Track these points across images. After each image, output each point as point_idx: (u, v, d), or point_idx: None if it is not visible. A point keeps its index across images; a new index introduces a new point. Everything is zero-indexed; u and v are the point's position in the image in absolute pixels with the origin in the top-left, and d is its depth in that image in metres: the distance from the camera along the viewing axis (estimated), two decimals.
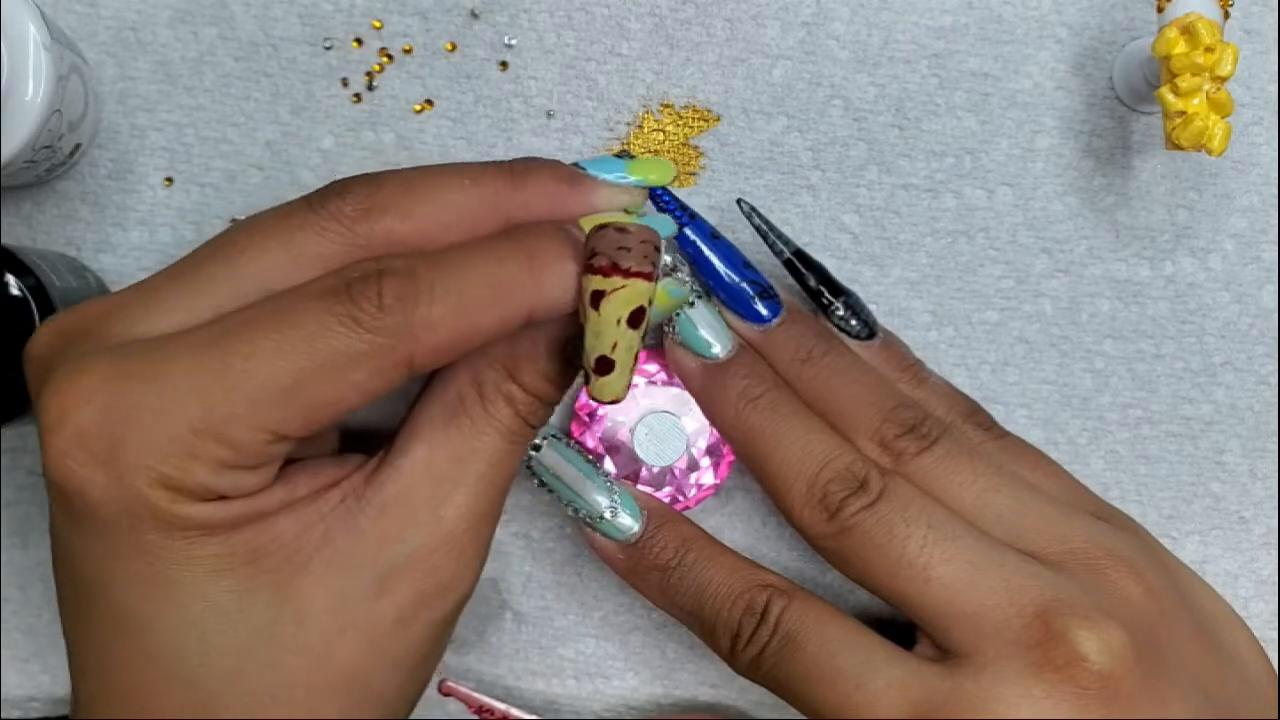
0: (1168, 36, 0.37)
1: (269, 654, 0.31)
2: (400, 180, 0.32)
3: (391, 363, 0.29)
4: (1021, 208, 0.43)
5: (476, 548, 0.33)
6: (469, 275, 0.30)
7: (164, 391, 0.29)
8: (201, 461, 0.29)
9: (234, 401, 0.29)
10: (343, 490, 0.32)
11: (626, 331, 0.30)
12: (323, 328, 0.29)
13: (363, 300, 0.29)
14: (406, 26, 0.42)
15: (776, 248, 0.41)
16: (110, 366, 0.29)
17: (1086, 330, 0.43)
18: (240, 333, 0.29)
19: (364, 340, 0.29)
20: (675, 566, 0.38)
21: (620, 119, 0.43)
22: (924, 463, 0.37)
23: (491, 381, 0.33)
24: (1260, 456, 0.44)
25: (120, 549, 0.30)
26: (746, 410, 0.38)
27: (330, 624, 0.31)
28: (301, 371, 0.29)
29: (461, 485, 0.32)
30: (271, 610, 0.31)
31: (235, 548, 0.30)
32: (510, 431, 0.33)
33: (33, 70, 0.36)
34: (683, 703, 0.45)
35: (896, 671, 0.34)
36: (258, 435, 0.29)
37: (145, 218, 0.43)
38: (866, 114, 0.43)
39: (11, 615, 0.44)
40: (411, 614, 0.32)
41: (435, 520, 0.32)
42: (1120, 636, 0.33)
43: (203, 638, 0.30)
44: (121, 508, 0.29)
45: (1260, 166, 0.43)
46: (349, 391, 0.29)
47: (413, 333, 0.29)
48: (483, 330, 0.30)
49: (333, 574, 0.31)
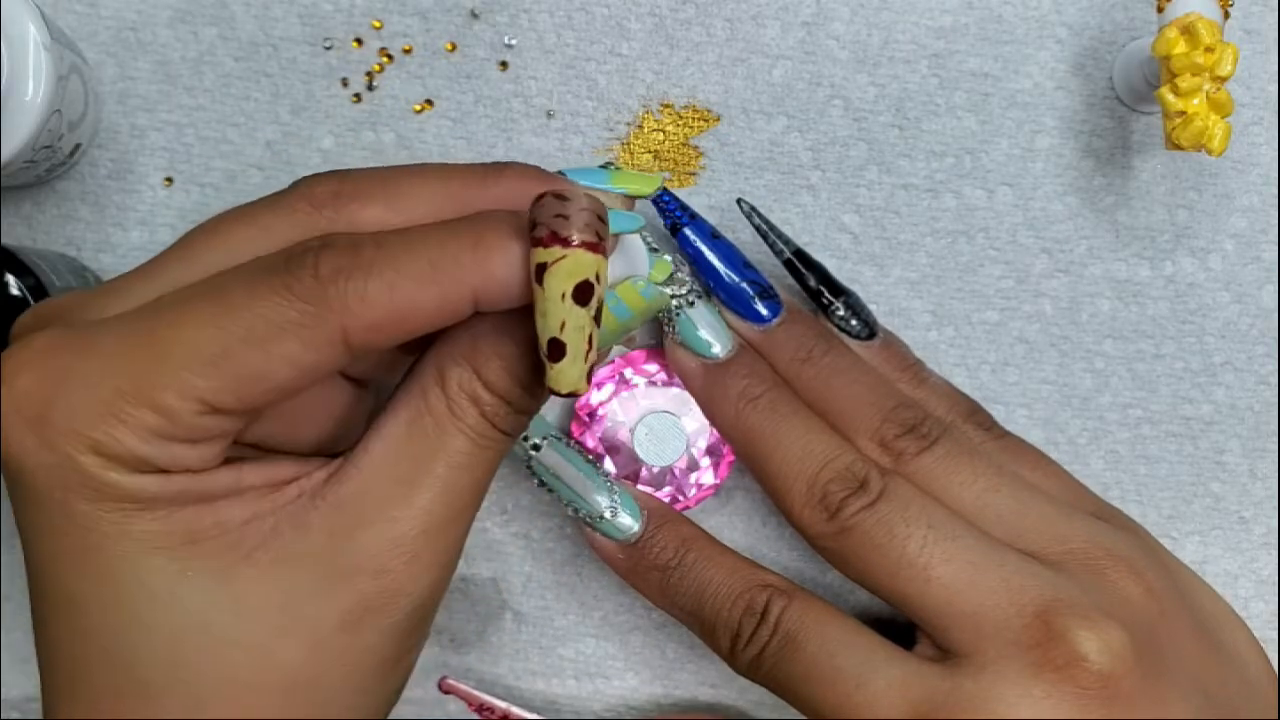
0: (1168, 36, 0.37)
1: (206, 644, 0.30)
2: (370, 172, 0.32)
3: (324, 335, 0.29)
4: (1021, 208, 0.43)
5: (433, 554, 0.31)
6: (410, 253, 0.29)
7: (93, 359, 0.29)
8: (129, 427, 0.28)
9: (161, 368, 0.28)
10: (300, 486, 0.31)
11: (573, 309, 0.28)
12: (253, 297, 0.29)
13: (299, 270, 0.29)
14: (406, 26, 0.42)
15: (776, 248, 0.41)
16: (49, 339, 0.29)
17: (1086, 330, 0.43)
18: (174, 305, 0.29)
19: (294, 309, 0.28)
20: (675, 566, 0.38)
21: (620, 119, 0.43)
22: (924, 463, 0.37)
23: (456, 379, 0.31)
24: (1260, 456, 0.44)
25: (54, 520, 0.29)
26: (746, 410, 0.38)
27: (272, 620, 0.30)
28: (228, 338, 0.28)
29: (419, 487, 0.31)
30: (208, 596, 0.29)
31: (172, 525, 0.29)
32: (476, 434, 0.31)
33: (33, 70, 0.36)
34: (683, 703, 0.45)
35: (896, 671, 0.34)
36: (187, 404, 0.28)
37: (145, 218, 0.43)
38: (866, 114, 0.43)
39: (12, 615, 0.44)
40: (358, 617, 0.30)
41: (387, 521, 0.30)
42: (1120, 636, 0.33)
43: (136, 619, 0.29)
44: (54, 476, 0.29)
45: (1260, 166, 0.43)
46: (280, 364, 0.29)
47: (346, 304, 0.28)
48: (422, 310, 0.29)
49: (277, 568, 0.30)
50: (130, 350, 0.29)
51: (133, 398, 0.28)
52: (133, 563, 0.29)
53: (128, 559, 0.29)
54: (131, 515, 0.29)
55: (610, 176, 0.33)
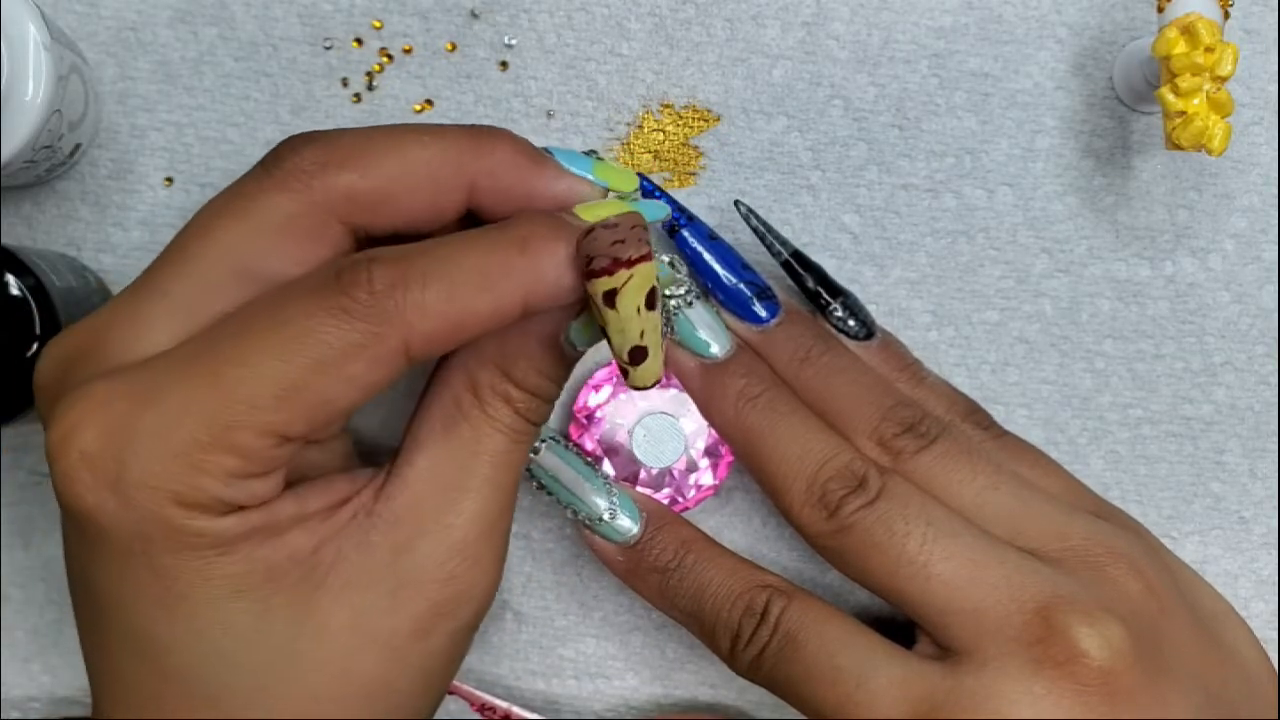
0: (1168, 36, 0.37)
1: (291, 671, 0.30)
2: (357, 135, 0.31)
3: (387, 352, 0.29)
4: (1021, 208, 0.43)
5: (492, 552, 0.33)
6: (460, 261, 0.30)
7: (162, 409, 0.29)
8: (210, 474, 0.29)
9: (233, 409, 0.28)
10: (354, 506, 0.32)
11: (648, 316, 0.30)
12: (315, 322, 0.29)
13: (353, 289, 0.29)
14: (406, 26, 0.42)
15: (774, 249, 0.41)
16: (105, 390, 0.29)
17: (1086, 330, 0.43)
18: (231, 339, 0.29)
19: (357, 330, 0.28)
20: (674, 568, 0.38)
21: (620, 119, 0.43)
22: (923, 461, 0.37)
23: (487, 383, 0.32)
24: (1260, 456, 0.44)
25: (136, 572, 0.29)
26: (745, 410, 0.38)
27: (350, 640, 0.31)
28: (297, 370, 0.28)
29: (468, 491, 0.32)
30: (291, 628, 0.30)
31: (253, 565, 0.30)
32: (512, 430, 0.33)
33: (33, 70, 0.36)
34: (683, 703, 0.45)
35: (897, 670, 0.34)
36: (263, 440, 0.29)
37: (145, 218, 0.43)
38: (866, 114, 0.43)
39: (12, 615, 0.44)
40: (430, 624, 0.32)
41: (445, 529, 0.32)
42: (1120, 633, 0.33)
43: (223, 657, 0.30)
44: (134, 530, 0.29)
45: (1260, 166, 0.43)
46: (348, 386, 0.29)
47: (406, 319, 0.29)
48: (478, 316, 0.29)
49: (349, 590, 0.31)
50: (198, 395, 0.29)
51: (210, 445, 0.29)
52: (217, 606, 0.30)
53: (213, 603, 0.30)
54: (214, 561, 0.29)
55: (593, 166, 0.34)
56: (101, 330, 0.31)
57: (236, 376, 0.29)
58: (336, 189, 0.31)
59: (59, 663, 0.44)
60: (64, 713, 0.44)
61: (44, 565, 0.44)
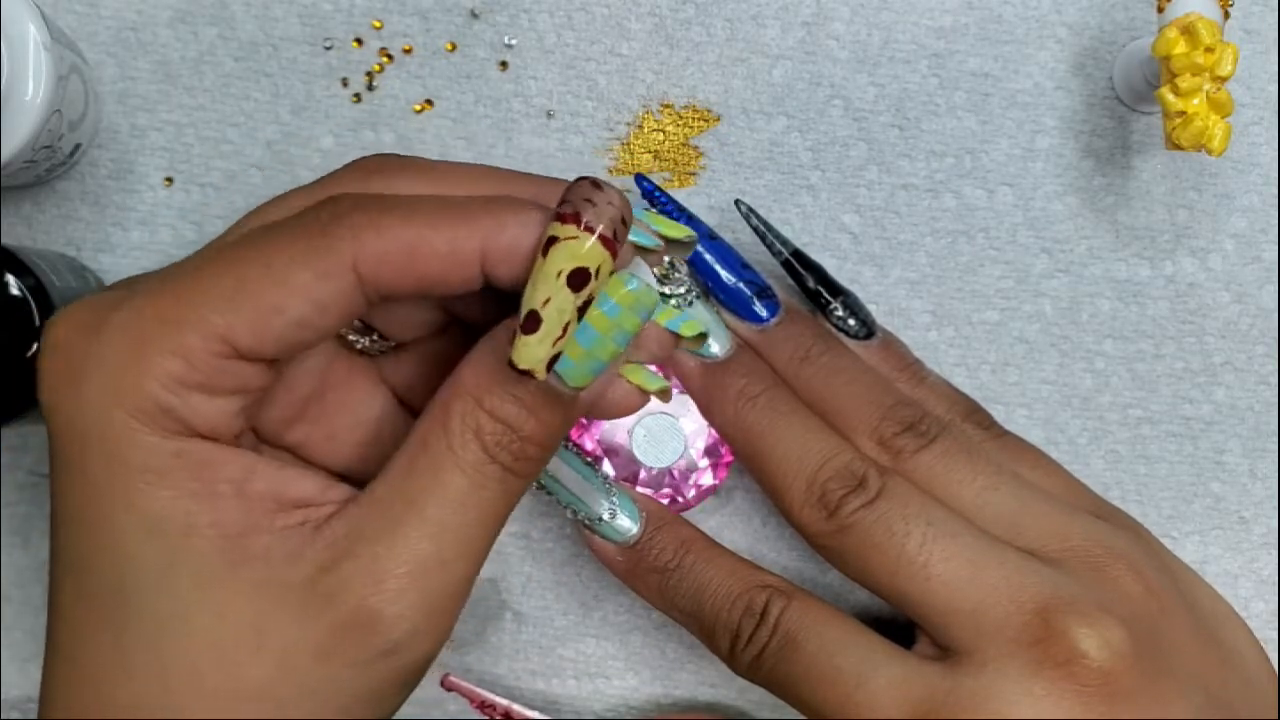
0: (1168, 36, 0.37)
1: (184, 638, 0.29)
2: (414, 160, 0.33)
3: (336, 264, 0.29)
4: (1021, 208, 0.43)
5: (419, 596, 0.30)
6: (425, 201, 0.30)
7: (125, 308, 0.29)
8: (153, 376, 0.29)
9: (180, 307, 0.29)
10: (305, 514, 0.30)
11: (563, 290, 0.28)
12: (268, 238, 0.29)
13: (314, 210, 0.30)
14: (406, 26, 0.42)
15: (775, 248, 0.41)
16: (90, 300, 0.30)
17: (1086, 330, 0.43)
18: (196, 257, 0.30)
19: (308, 239, 0.29)
20: (674, 568, 0.38)
21: (620, 119, 0.43)
22: (923, 461, 0.37)
23: (459, 412, 0.30)
24: (1260, 456, 0.44)
25: (74, 481, 0.30)
26: (745, 409, 0.38)
27: (247, 638, 0.29)
28: (243, 274, 0.29)
29: (409, 528, 0.30)
30: (194, 594, 0.29)
31: (173, 511, 0.29)
32: (474, 470, 0.30)
33: (33, 70, 0.36)
34: (683, 703, 0.45)
35: (897, 670, 0.34)
36: (207, 342, 0.29)
37: (145, 218, 0.43)
38: (866, 114, 0.43)
39: (12, 615, 0.44)
40: (331, 648, 0.30)
41: (372, 558, 0.30)
42: (1120, 634, 0.33)
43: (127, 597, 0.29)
44: (78, 430, 0.29)
45: (1260, 166, 0.43)
46: (293, 296, 0.29)
47: (357, 235, 0.29)
48: (431, 247, 0.29)
49: (261, 590, 0.29)
50: (155, 296, 0.30)
51: (155, 342, 0.29)
52: (130, 540, 0.29)
53: (126, 534, 0.29)
54: (138, 489, 0.29)
55: (647, 216, 0.33)
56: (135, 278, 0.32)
57: (189, 282, 0.29)
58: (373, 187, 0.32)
59: None
60: None
61: (44, 565, 0.44)
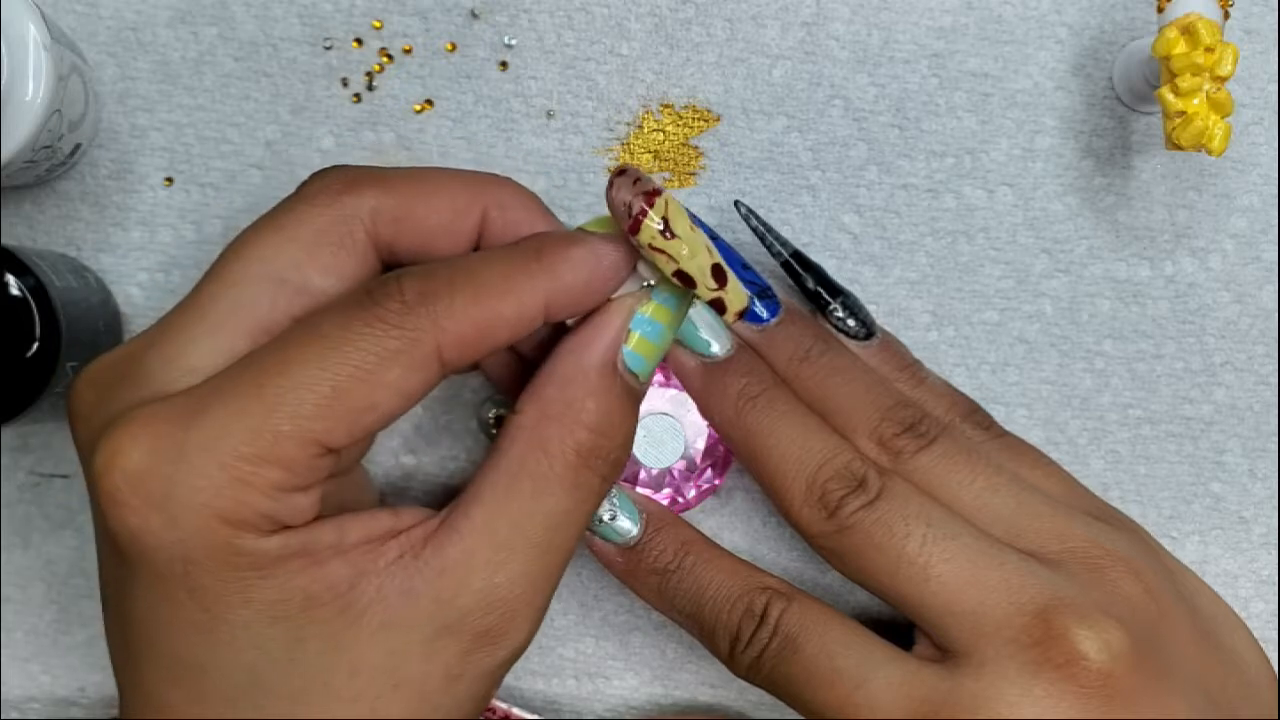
0: (1168, 36, 0.37)
1: (323, 702, 0.31)
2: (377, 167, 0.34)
3: (422, 356, 0.30)
4: (1021, 208, 0.43)
5: (530, 610, 0.32)
6: (482, 269, 0.31)
7: (207, 426, 0.29)
8: (255, 487, 0.29)
9: (276, 419, 0.29)
10: (400, 545, 0.31)
11: (700, 235, 0.32)
12: (351, 333, 0.30)
13: (385, 300, 0.30)
14: (406, 26, 0.42)
15: (774, 249, 0.41)
16: (150, 413, 0.30)
17: (1086, 330, 0.43)
18: (272, 352, 0.30)
19: (391, 336, 0.30)
20: (674, 570, 0.38)
21: (620, 119, 0.43)
22: (922, 461, 0.37)
23: (556, 435, 0.32)
24: (1260, 456, 0.44)
25: (176, 594, 0.30)
26: (745, 409, 0.38)
27: (382, 681, 0.31)
28: (337, 377, 0.29)
29: (518, 552, 0.32)
30: (325, 659, 0.30)
31: (289, 592, 0.30)
32: (575, 488, 0.32)
33: (33, 70, 0.36)
34: (683, 703, 0.45)
35: (896, 672, 0.34)
36: (306, 450, 0.29)
37: (145, 218, 0.43)
38: (866, 114, 0.43)
39: (12, 615, 0.44)
40: (460, 670, 0.32)
41: (489, 587, 0.31)
42: (1120, 635, 0.33)
43: (257, 683, 0.30)
44: (177, 550, 0.29)
45: (1260, 166, 0.43)
46: (385, 392, 0.30)
47: (437, 323, 0.30)
48: (504, 318, 0.31)
49: (385, 631, 0.31)
50: (241, 408, 0.29)
51: (255, 458, 0.29)
52: (254, 631, 0.30)
53: (250, 627, 0.30)
54: (254, 584, 0.30)
55: None
56: (139, 354, 0.31)
57: (278, 387, 0.29)
58: (361, 204, 0.32)
59: (58, 663, 0.44)
60: (63, 713, 0.44)
61: (44, 565, 0.44)
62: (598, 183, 0.43)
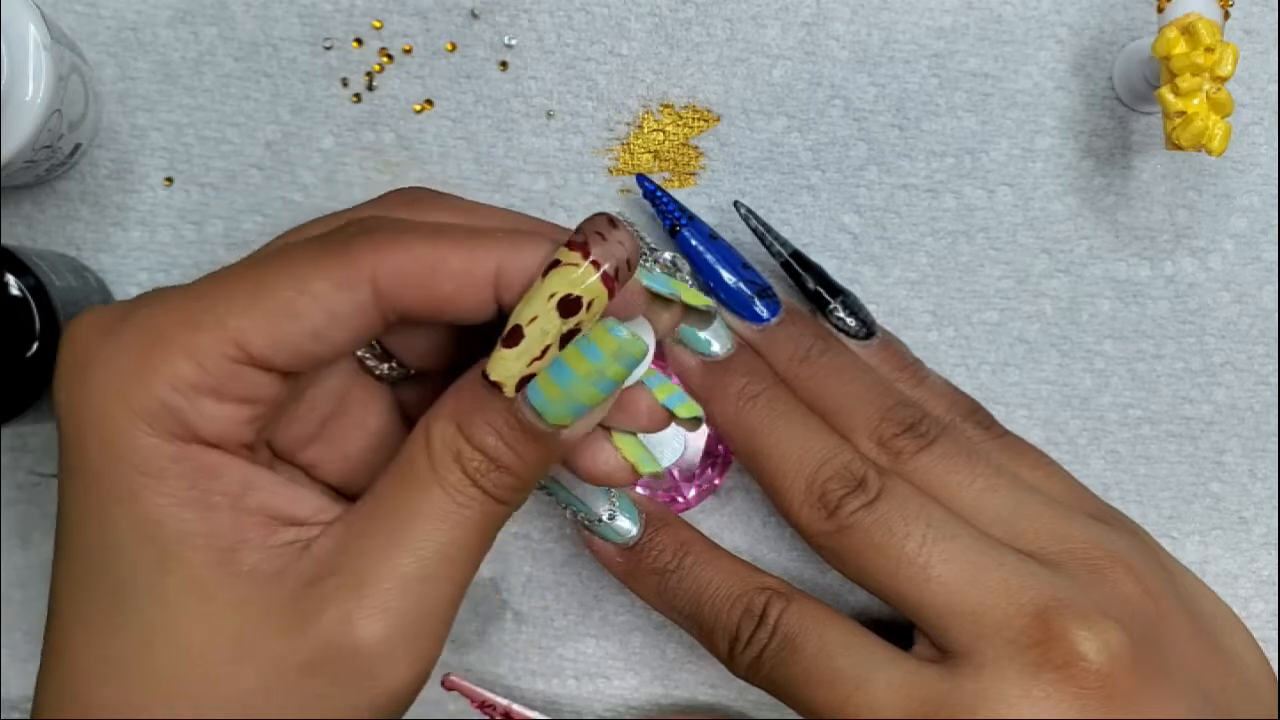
0: (1168, 36, 0.37)
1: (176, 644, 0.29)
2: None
3: (353, 276, 0.29)
4: (1021, 208, 0.43)
5: (402, 615, 0.30)
6: (446, 224, 0.31)
7: (140, 314, 0.30)
8: (161, 375, 0.29)
9: (196, 308, 0.29)
10: (297, 533, 0.31)
11: (551, 312, 0.29)
12: (290, 247, 0.30)
13: (342, 227, 0.30)
14: (406, 26, 0.42)
15: (774, 249, 0.41)
16: (111, 305, 0.31)
17: (1086, 330, 0.43)
18: (218, 271, 0.31)
19: (329, 252, 0.29)
20: (674, 570, 0.38)
21: (620, 119, 0.43)
22: (922, 462, 0.37)
23: (439, 435, 0.30)
24: (1260, 456, 0.44)
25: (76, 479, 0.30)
26: (745, 409, 0.38)
27: (233, 648, 0.30)
28: (260, 278, 0.29)
29: (392, 550, 0.30)
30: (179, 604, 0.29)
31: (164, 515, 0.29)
32: (456, 491, 0.30)
33: (33, 70, 0.36)
34: (683, 703, 0.45)
35: (896, 672, 0.34)
36: (219, 345, 0.29)
37: (145, 218, 0.43)
38: (866, 114, 0.43)
39: (12, 615, 0.44)
40: (319, 665, 0.30)
41: (354, 575, 0.30)
42: (1119, 636, 0.33)
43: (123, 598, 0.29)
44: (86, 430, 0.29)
45: (1260, 166, 0.43)
46: (309, 302, 0.29)
47: (379, 250, 0.29)
48: (449, 266, 0.29)
49: (245, 606, 0.30)
50: (173, 303, 0.30)
51: (168, 343, 0.29)
52: (128, 542, 0.29)
53: (124, 536, 0.29)
54: (136, 489, 0.29)
55: (672, 283, 0.33)
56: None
57: (211, 283, 0.30)
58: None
59: None
60: None
61: (44, 565, 0.44)
62: (598, 183, 0.43)
